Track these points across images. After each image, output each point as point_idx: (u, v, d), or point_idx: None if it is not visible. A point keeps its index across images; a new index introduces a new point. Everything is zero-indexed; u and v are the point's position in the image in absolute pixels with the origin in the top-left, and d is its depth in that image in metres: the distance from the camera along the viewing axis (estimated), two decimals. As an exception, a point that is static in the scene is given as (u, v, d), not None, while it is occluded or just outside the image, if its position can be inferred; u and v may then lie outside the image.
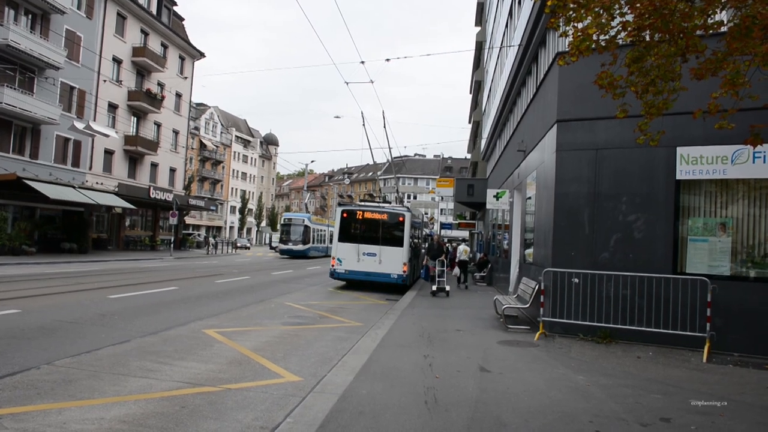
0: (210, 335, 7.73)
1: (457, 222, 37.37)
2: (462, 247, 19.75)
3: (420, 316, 10.26)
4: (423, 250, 19.58)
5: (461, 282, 16.89)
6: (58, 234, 27.03)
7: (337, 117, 31.05)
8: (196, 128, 61.55)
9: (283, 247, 34.67)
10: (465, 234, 48.68)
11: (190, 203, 37.53)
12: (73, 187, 25.43)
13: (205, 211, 54.67)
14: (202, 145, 63.36)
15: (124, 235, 33.20)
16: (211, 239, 41.56)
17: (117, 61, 31.56)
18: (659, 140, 5.60)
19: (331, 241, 39.73)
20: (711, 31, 4.73)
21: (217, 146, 66.38)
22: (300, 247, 34.57)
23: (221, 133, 68.32)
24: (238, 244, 53.35)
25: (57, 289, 11.86)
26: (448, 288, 13.70)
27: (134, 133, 33.24)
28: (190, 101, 40.35)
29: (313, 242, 35.97)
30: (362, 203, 17.07)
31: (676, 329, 7.41)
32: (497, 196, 14.61)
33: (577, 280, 8.15)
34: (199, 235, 50.46)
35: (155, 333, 7.68)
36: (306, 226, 34.86)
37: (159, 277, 16.43)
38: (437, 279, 13.89)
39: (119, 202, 28.06)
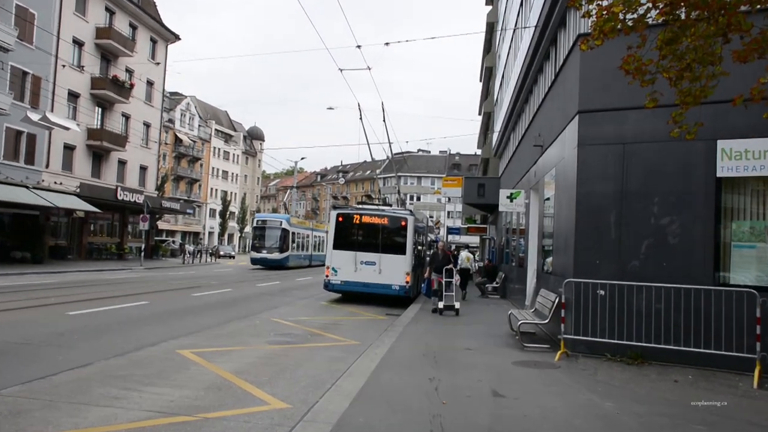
0: (185, 356, 7.70)
1: (466, 226, 37.36)
2: (464, 254, 19.76)
3: (425, 332, 10.24)
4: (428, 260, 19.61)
5: (461, 292, 16.94)
6: (8, 241, 26.73)
7: (331, 108, 31.19)
8: (171, 121, 61.60)
9: (255, 255, 33.03)
10: (475, 240, 48.74)
11: (163, 206, 37.50)
12: (26, 188, 25.15)
13: (181, 214, 54.71)
14: (178, 140, 63.44)
15: (87, 243, 32.90)
16: (187, 247, 41.57)
17: (78, 44, 31.17)
18: (696, 133, 5.56)
19: (316, 249, 39.55)
20: (758, 6, 4.71)
21: (194, 141, 66.46)
22: (276, 255, 32.76)
23: (199, 126, 68.40)
24: (221, 252, 53.29)
25: (5, 305, 11.73)
26: (458, 305, 12.96)
27: (99, 126, 32.84)
28: (163, 90, 40.39)
29: (294, 249, 34.48)
30: (359, 206, 17.12)
31: (720, 349, 7.27)
32: (511, 197, 14.61)
33: (602, 292, 8.11)
34: (173, 242, 50.35)
35: (122, 354, 7.63)
36: (284, 230, 33.07)
37: (127, 290, 16.39)
38: (443, 294, 13.19)
39: (81, 205, 27.91)
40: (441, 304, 13.00)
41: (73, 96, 30.88)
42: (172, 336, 9.15)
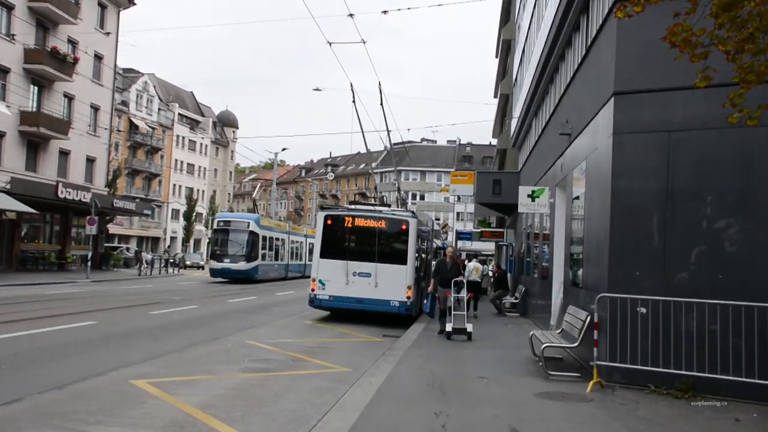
0: (141, 387, 7.64)
1: (478, 230, 37.40)
2: (472, 265, 19.78)
3: (429, 357, 10.22)
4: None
5: (472, 309, 17.00)
6: None
7: (318, 90, 31.16)
8: (124, 103, 61.54)
9: (215, 265, 32.00)
10: (489, 247, 48.78)
11: (115, 206, 37.41)
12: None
13: (137, 216, 54.60)
14: (133, 127, 63.44)
15: (19, 251, 32.40)
16: (145, 255, 41.52)
17: (6, 7, 30.54)
18: (760, 118, 5.53)
19: (294, 257, 39.37)
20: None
21: (153, 128, 66.47)
22: (241, 265, 31.61)
23: (159, 110, 68.40)
24: (188, 262, 53.19)
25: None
26: (470, 328, 12.62)
27: (35, 109, 32.32)
28: (115, 66, 40.29)
29: (265, 258, 33.54)
30: (352, 206, 17.18)
31: (793, 382, 7.22)
32: (533, 196, 14.64)
33: (644, 310, 8.08)
34: (128, 249, 50.29)
35: (61, 387, 7.54)
36: (252, 233, 32.02)
37: (69, 308, 16.31)
38: (452, 313, 12.86)
39: (11, 204, 27.55)
40: (449, 326, 12.72)
41: (1, 71, 30.40)
42: (125, 363, 9.09)
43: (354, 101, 18.79)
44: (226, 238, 32.34)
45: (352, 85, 18.87)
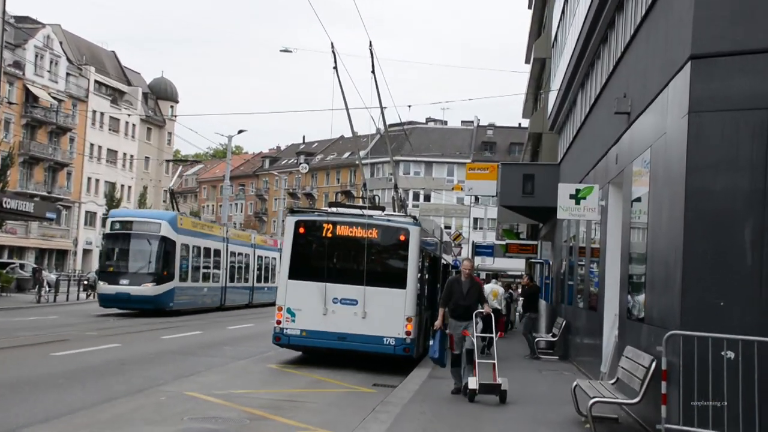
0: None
1: (503, 243, 37.44)
2: (489, 287, 19.78)
3: (436, 416, 10.15)
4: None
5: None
6: None
7: (287, 51, 30.81)
8: (18, 65, 61.40)
9: (105, 288, 29.36)
10: (517, 265, 48.82)
11: (5, 207, 37.11)
12: None
13: (37, 221, 53.83)
14: (31, 98, 63.25)
15: None
16: (47, 274, 41.14)
17: None
18: None
19: (235, 277, 37.73)
20: None
21: (60, 100, 66.32)
22: (147, 289, 29.05)
23: (68, 75, 68.28)
24: None
25: None
26: (505, 385, 11.72)
27: None
28: (3, 12, 39.98)
29: (188, 277, 31.62)
30: (333, 209, 17.18)
31: None
32: (578, 197, 14.65)
33: (731, 355, 8.04)
34: (23, 266, 49.96)
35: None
36: (164, 241, 29.63)
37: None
38: (476, 361, 12.04)
39: None
40: (473, 381, 11.77)
41: None
42: (15, 425, 8.99)
43: (336, 67, 18.72)
44: (124, 247, 29.98)
45: (333, 46, 18.81)
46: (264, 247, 42.69)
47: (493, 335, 13.06)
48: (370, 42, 19.43)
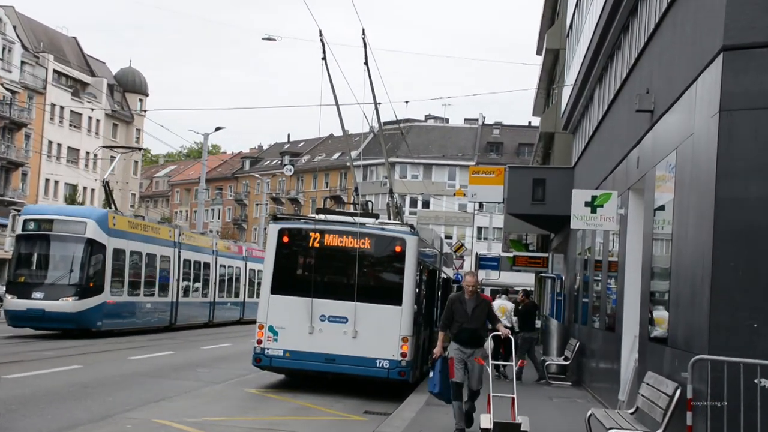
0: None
1: (510, 255, 37.48)
2: (497, 303, 19.75)
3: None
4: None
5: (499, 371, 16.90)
6: None
7: (270, 39, 30.71)
8: (-26, 54, 61.15)
9: (14, 304, 26.57)
10: (526, 280, 48.89)
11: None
12: None
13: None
14: (-14, 90, 63.06)
15: None
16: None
17: None
18: None
19: (190, 291, 35.72)
20: None
21: (13, 92, 66.19)
22: (66, 304, 26.32)
23: (23, 64, 68.14)
24: None
25: None
26: (526, 425, 11.04)
27: None
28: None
29: (121, 290, 28.91)
30: (321, 216, 17.18)
31: None
32: (594, 204, 14.68)
33: (766, 383, 8.05)
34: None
35: None
36: (91, 243, 26.98)
37: None
38: (490, 395, 11.34)
39: None
40: (486, 420, 11.07)
41: None
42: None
43: (324, 57, 18.72)
44: (40, 252, 27.55)
45: (321, 33, 18.82)
46: (228, 255, 41.07)
47: (513, 362, 12.48)
48: (363, 30, 19.41)
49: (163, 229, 33.60)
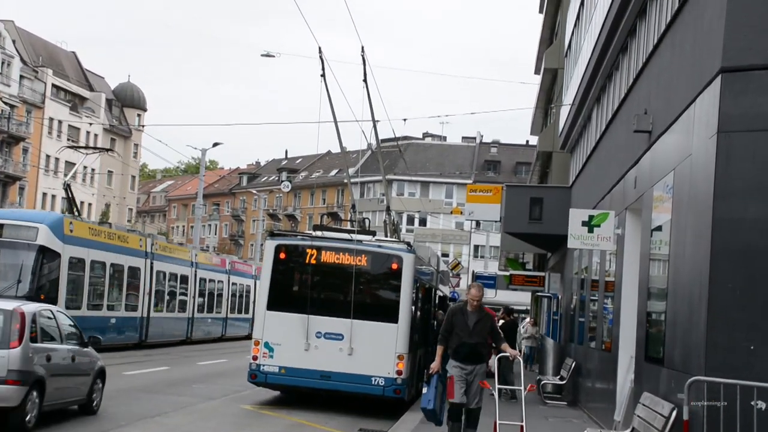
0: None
1: (506, 274, 37.42)
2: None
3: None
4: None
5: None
6: None
7: (268, 56, 30.89)
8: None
9: None
10: (521, 298, 48.81)
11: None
12: None
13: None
14: (-16, 104, 63.11)
15: None
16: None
17: None
18: None
19: (165, 305, 33.48)
20: None
21: (12, 106, 66.26)
22: None
23: (22, 78, 68.24)
24: None
25: None
26: None
27: None
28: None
29: (79, 303, 26.45)
30: (318, 233, 17.23)
31: None
32: (591, 224, 14.67)
33: (762, 405, 8.02)
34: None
35: None
36: (43, 251, 24.52)
37: None
38: (496, 423, 11.12)
39: None
40: None
41: None
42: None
43: (323, 74, 18.78)
44: None
45: (321, 51, 18.89)
46: (209, 268, 39.31)
47: (522, 387, 11.83)
48: (362, 47, 19.50)
49: (132, 238, 30.84)
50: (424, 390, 11.55)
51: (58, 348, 12.68)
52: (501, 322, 21.33)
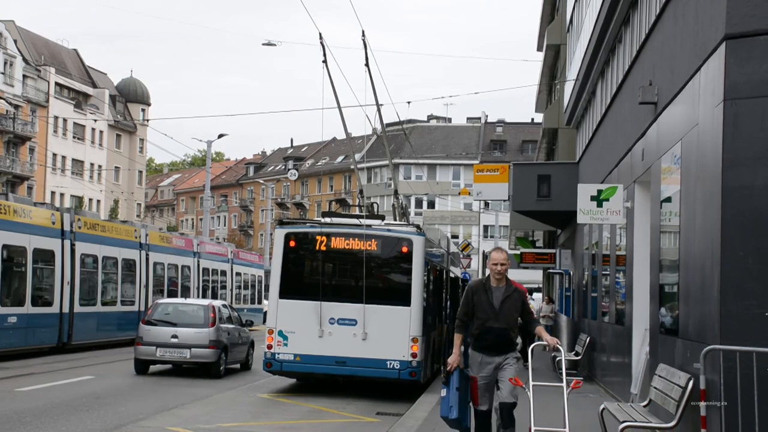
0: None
1: (517, 252, 37.45)
2: None
3: (450, 449, 10.07)
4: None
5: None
6: None
7: (270, 44, 30.83)
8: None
9: None
10: (533, 276, 48.92)
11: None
12: None
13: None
14: (-12, 105, 63.14)
15: None
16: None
17: None
18: None
19: (97, 297, 27.61)
20: None
21: (16, 106, 66.29)
22: None
23: (25, 77, 68.25)
24: None
25: None
26: None
27: None
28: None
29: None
30: (326, 219, 17.27)
31: None
32: (600, 198, 14.64)
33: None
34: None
35: None
36: None
37: None
38: (531, 430, 8.86)
39: None
40: None
41: None
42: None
43: (325, 60, 18.74)
44: None
45: (321, 36, 18.85)
46: (167, 250, 33.07)
47: (563, 384, 9.34)
48: (363, 32, 19.47)
49: (39, 213, 24.34)
50: (443, 393, 9.31)
51: (230, 327, 20.11)
52: None
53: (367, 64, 19.78)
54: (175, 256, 33.81)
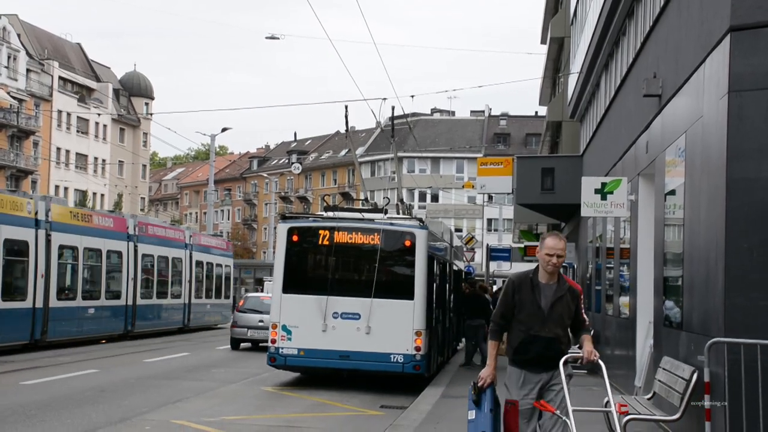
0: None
1: (521, 246, 37.43)
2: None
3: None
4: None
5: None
6: None
7: (273, 38, 30.86)
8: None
9: None
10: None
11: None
12: None
13: None
14: (-9, 99, 63.20)
15: None
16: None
17: None
18: None
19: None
20: None
21: (20, 100, 66.32)
22: None
23: (29, 72, 68.30)
24: None
25: None
26: None
27: None
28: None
29: None
30: (330, 213, 17.26)
31: None
32: (604, 191, 14.62)
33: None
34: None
35: None
36: None
37: None
38: None
39: None
40: None
41: None
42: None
43: (347, 131, 18.84)
44: None
45: (347, 108, 19.30)
46: (82, 231, 26.06)
47: (611, 408, 7.86)
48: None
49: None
50: (471, 415, 7.21)
51: None
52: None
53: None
54: (103, 240, 27.49)
